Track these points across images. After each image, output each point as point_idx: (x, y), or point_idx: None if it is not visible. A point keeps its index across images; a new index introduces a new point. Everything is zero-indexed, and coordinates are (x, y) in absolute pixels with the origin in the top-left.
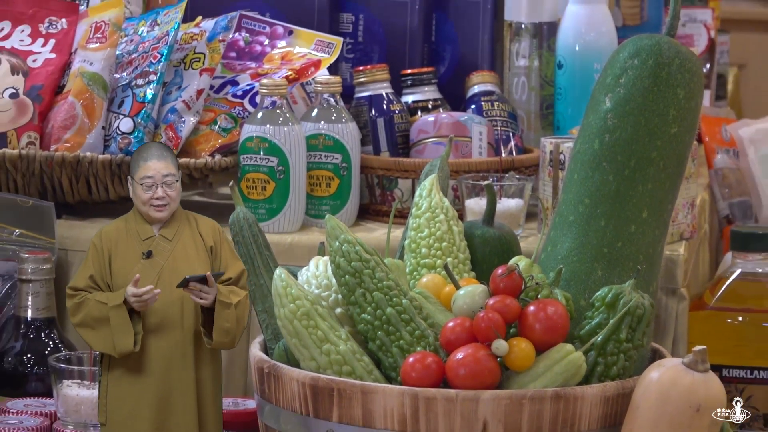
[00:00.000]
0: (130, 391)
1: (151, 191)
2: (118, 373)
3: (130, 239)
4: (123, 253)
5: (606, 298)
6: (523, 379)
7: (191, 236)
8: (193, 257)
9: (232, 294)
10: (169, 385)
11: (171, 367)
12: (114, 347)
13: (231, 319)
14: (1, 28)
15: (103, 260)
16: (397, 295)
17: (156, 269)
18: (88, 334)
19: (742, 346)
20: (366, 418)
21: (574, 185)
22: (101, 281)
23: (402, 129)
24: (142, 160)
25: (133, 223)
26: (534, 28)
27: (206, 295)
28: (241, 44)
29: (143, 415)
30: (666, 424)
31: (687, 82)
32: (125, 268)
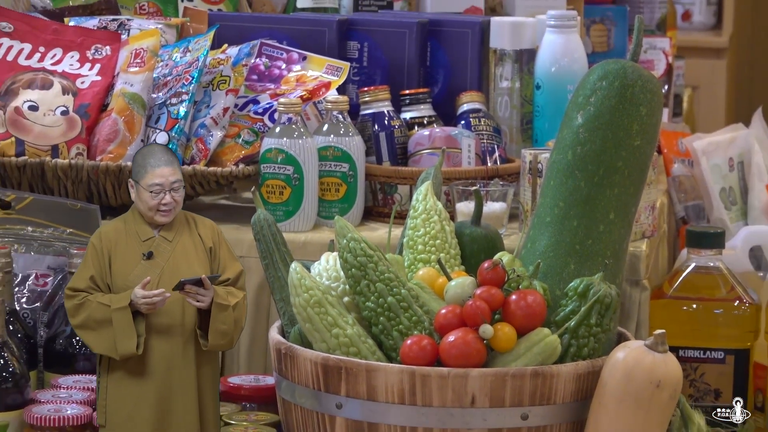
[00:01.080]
0: (130, 392)
1: (159, 197)
2: (119, 375)
3: (130, 240)
4: (123, 254)
5: (578, 288)
6: (506, 358)
7: (191, 237)
8: (193, 258)
9: (230, 295)
10: (170, 385)
11: (171, 368)
12: (116, 349)
13: (228, 321)
14: (54, 54)
15: (102, 261)
16: (397, 285)
17: (156, 270)
18: (89, 336)
19: (696, 330)
20: (370, 393)
21: (550, 190)
22: (101, 282)
23: (401, 142)
24: (150, 166)
25: (132, 223)
26: (515, 55)
27: (203, 297)
28: (261, 68)
29: (143, 416)
30: (630, 398)
31: (648, 101)
32: (125, 269)
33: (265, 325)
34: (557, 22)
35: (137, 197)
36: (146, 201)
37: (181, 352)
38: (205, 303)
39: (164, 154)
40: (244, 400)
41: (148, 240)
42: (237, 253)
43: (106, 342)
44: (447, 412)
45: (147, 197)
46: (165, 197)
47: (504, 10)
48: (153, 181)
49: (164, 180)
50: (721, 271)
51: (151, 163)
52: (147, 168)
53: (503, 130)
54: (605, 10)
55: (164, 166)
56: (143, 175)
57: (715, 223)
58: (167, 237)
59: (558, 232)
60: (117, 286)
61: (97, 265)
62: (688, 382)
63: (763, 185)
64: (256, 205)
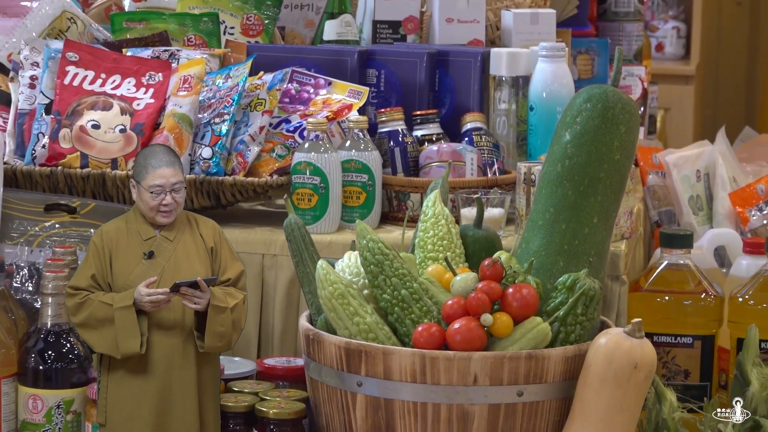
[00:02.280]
0: (130, 391)
1: (160, 198)
2: (119, 374)
3: (131, 239)
4: (124, 253)
5: (566, 282)
6: (504, 343)
7: (192, 237)
8: (194, 257)
9: (229, 297)
10: (170, 385)
11: (172, 367)
12: (117, 348)
13: (225, 323)
14: (114, 80)
15: (104, 260)
16: (410, 280)
17: (157, 269)
18: (90, 335)
19: (668, 319)
20: (386, 373)
21: (542, 198)
22: (102, 281)
23: (413, 156)
24: (151, 167)
25: (133, 223)
26: (512, 81)
27: (199, 300)
28: (292, 92)
29: (143, 416)
30: (612, 378)
31: (627, 120)
32: (126, 268)
33: (295, 314)
34: (548, 52)
35: (138, 197)
36: (147, 201)
37: (182, 351)
38: (201, 305)
39: (166, 155)
40: (277, 379)
41: (150, 239)
42: (271, 252)
43: (107, 341)
44: (453, 390)
45: (148, 198)
46: (166, 198)
47: (502, 42)
48: (154, 182)
49: (165, 181)
50: (690, 268)
51: (152, 163)
52: (148, 168)
53: (501, 146)
54: (590, 42)
55: (165, 167)
56: (144, 175)
57: (684, 226)
58: (168, 236)
59: (549, 234)
60: (118, 285)
61: (98, 264)
62: (661, 364)
63: (726, 194)
64: (288, 210)
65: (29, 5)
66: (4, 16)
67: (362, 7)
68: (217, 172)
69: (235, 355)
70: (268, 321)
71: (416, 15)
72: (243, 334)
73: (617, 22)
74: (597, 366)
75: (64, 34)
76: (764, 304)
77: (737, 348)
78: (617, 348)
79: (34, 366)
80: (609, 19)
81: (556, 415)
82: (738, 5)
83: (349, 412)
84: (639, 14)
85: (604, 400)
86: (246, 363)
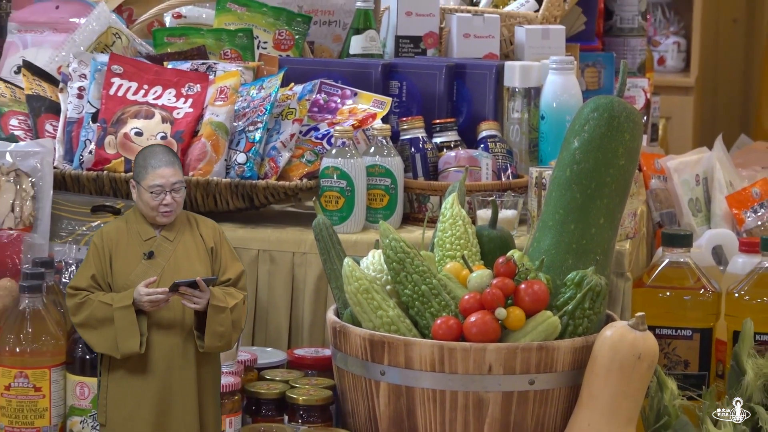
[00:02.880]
0: (130, 391)
1: (160, 198)
2: (119, 374)
3: (131, 239)
4: (124, 253)
5: (575, 279)
6: (517, 335)
7: (192, 237)
8: (194, 258)
9: (229, 297)
10: (170, 385)
11: (172, 367)
12: (117, 348)
13: (225, 323)
14: (155, 91)
15: (104, 260)
16: (429, 276)
17: (157, 270)
18: (90, 335)
19: (668, 313)
20: (407, 362)
21: (552, 200)
22: (102, 281)
23: (432, 161)
24: (151, 167)
25: (133, 223)
26: (524, 91)
27: (198, 299)
28: (321, 102)
29: (143, 416)
30: (617, 368)
31: (631, 128)
32: (126, 269)
33: (323, 308)
34: (558, 65)
35: (138, 198)
36: (147, 201)
37: (182, 351)
38: (201, 305)
39: (165, 155)
40: (307, 368)
41: (150, 240)
42: (301, 250)
43: (107, 341)
44: (469, 378)
45: (148, 198)
46: (166, 198)
47: (515, 56)
48: (154, 182)
49: (165, 181)
50: (690, 265)
51: (152, 163)
52: (148, 169)
53: (514, 152)
54: (597, 56)
55: (165, 167)
56: (144, 176)
57: (684, 227)
58: (168, 237)
59: (558, 233)
60: (118, 285)
61: (98, 264)
62: (662, 355)
63: (723, 196)
64: (316, 211)
65: (77, 21)
66: (54, 31)
67: (386, 24)
68: (251, 176)
69: (268, 345)
70: (298, 314)
71: (435, 31)
72: (275, 326)
73: (622, 37)
74: (603, 356)
75: (110, 48)
76: (759, 299)
77: (733, 340)
78: (622, 340)
79: (81, 355)
80: (614, 35)
81: (565, 402)
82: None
83: (373, 399)
84: (642, 30)
85: (610, 388)
86: (277, 353)
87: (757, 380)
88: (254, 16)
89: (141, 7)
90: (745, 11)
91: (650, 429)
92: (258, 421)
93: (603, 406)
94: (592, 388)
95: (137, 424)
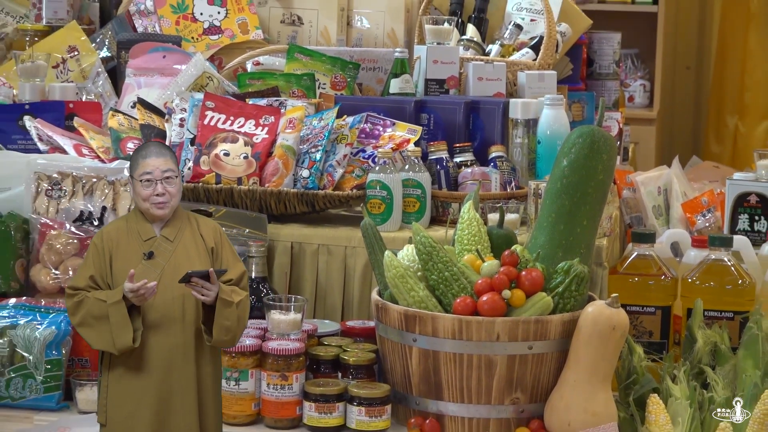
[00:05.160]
0: (130, 390)
1: (151, 188)
2: (119, 372)
3: (131, 239)
4: (124, 253)
5: (564, 267)
6: (519, 311)
7: (192, 237)
8: (194, 257)
9: (234, 293)
10: (170, 383)
11: (172, 365)
12: (114, 344)
13: (232, 317)
14: (239, 121)
15: (103, 260)
16: (451, 265)
17: (157, 269)
18: (88, 333)
19: (637, 294)
20: (434, 332)
21: (546, 207)
22: (101, 281)
23: (453, 176)
24: (141, 157)
25: (133, 223)
26: (525, 122)
27: (208, 291)
28: (367, 130)
29: (143, 415)
30: (596, 336)
31: (608, 150)
32: (126, 268)
33: (368, 289)
34: (551, 102)
35: (133, 192)
36: (139, 192)
37: (182, 351)
38: (210, 297)
39: (155, 147)
40: (355, 336)
41: (150, 239)
42: (351, 245)
43: (104, 338)
44: (482, 344)
45: (140, 188)
46: (157, 188)
47: (518, 94)
48: (144, 170)
49: (155, 169)
50: (653, 257)
51: (142, 155)
52: (138, 161)
53: (517, 169)
54: (581, 94)
55: (154, 156)
56: (135, 168)
57: (649, 227)
58: (168, 236)
59: (551, 232)
60: (118, 285)
61: (98, 265)
62: (632, 327)
63: (679, 204)
64: (363, 215)
65: (180, 68)
66: (162, 75)
67: (417, 69)
68: (312, 187)
69: (325, 318)
70: (349, 294)
71: (456, 75)
72: (331, 304)
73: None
74: (586, 328)
75: (204, 88)
76: (707, 283)
77: (687, 315)
78: (600, 315)
79: None
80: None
81: (556, 363)
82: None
83: (407, 360)
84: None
85: (591, 353)
86: (333, 324)
87: (706, 347)
88: (316, 64)
89: (228, 56)
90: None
91: (622, 384)
92: (318, 377)
93: (585, 366)
94: (578, 353)
95: (137, 423)
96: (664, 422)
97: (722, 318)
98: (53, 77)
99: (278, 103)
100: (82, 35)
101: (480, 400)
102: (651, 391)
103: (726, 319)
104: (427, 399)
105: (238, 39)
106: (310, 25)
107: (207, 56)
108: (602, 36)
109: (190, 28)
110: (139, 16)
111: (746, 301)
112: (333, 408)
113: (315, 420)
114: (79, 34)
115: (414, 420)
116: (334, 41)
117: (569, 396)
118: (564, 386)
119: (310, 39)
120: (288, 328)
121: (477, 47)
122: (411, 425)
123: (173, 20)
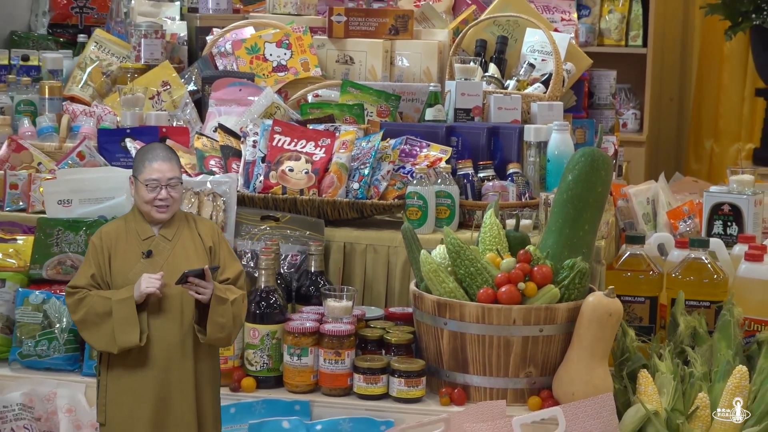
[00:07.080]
0: (129, 389)
1: (155, 192)
2: (118, 372)
3: (130, 239)
4: (123, 253)
5: (569, 264)
6: (532, 300)
7: (191, 236)
8: (193, 257)
9: (229, 291)
10: (168, 381)
11: (170, 362)
12: (115, 342)
13: (226, 314)
14: (302, 143)
15: (103, 259)
16: (476, 262)
17: (156, 269)
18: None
19: (629, 286)
20: (461, 317)
21: (554, 214)
22: (101, 280)
23: (478, 188)
24: (148, 161)
25: (132, 222)
26: (537, 144)
27: (203, 290)
28: (406, 150)
29: (142, 414)
30: (596, 321)
31: (606, 168)
32: (125, 268)
33: (407, 281)
34: (558, 127)
35: (136, 193)
36: (143, 195)
37: (180, 347)
38: (206, 295)
39: (163, 151)
40: (397, 320)
41: (148, 239)
42: (394, 245)
43: (105, 336)
44: (501, 328)
45: (144, 192)
46: (161, 192)
47: (531, 121)
48: (150, 176)
49: (161, 176)
50: (643, 256)
51: (149, 158)
52: (145, 163)
53: (530, 183)
54: (583, 121)
55: (162, 161)
56: (141, 170)
57: (639, 231)
58: (167, 236)
59: (558, 235)
60: (116, 284)
61: (98, 264)
62: (625, 313)
63: (665, 212)
64: (403, 220)
65: (253, 99)
66: (238, 105)
67: (449, 100)
68: (361, 197)
69: (372, 305)
70: (392, 286)
71: (480, 105)
72: (377, 293)
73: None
74: (587, 314)
75: (273, 116)
76: (688, 278)
77: (671, 304)
78: (599, 303)
79: (254, 310)
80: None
81: (563, 344)
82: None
83: (439, 340)
84: (612, 105)
85: (591, 334)
86: (378, 310)
87: (687, 330)
88: (364, 96)
89: (293, 89)
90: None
91: (617, 361)
92: (365, 353)
93: (587, 346)
94: (580, 335)
95: (137, 422)
96: (652, 392)
97: (700, 306)
98: (150, 107)
99: (333, 128)
100: (173, 72)
101: (499, 374)
102: (641, 367)
103: (704, 307)
104: (456, 372)
105: (301, 75)
106: (360, 64)
107: (275, 90)
108: (601, 73)
109: (262, 67)
110: (219, 57)
111: (720, 292)
112: (378, 379)
113: (363, 389)
114: (170, 72)
115: (444, 389)
116: (380, 77)
117: (573, 371)
118: (569, 362)
119: (360, 75)
120: (341, 313)
121: (497, 82)
122: (442, 393)
123: (248, 60)
